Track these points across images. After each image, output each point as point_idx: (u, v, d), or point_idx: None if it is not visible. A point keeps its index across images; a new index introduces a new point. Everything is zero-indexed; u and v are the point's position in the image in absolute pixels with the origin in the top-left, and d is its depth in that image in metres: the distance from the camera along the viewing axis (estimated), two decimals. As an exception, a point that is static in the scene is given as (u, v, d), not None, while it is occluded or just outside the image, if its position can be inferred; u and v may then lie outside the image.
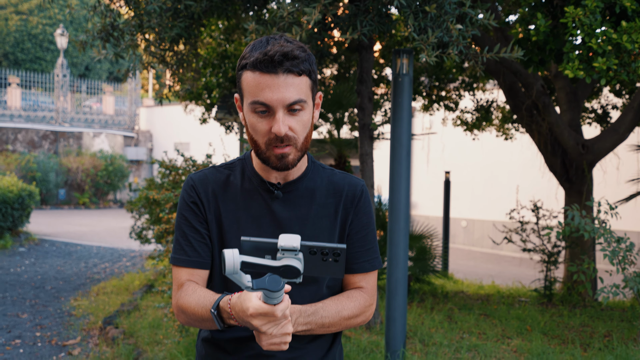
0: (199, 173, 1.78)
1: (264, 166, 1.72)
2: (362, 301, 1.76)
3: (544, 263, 8.09)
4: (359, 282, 1.79)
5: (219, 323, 1.54)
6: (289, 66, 1.57)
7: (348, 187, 1.79)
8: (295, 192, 1.74)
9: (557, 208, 10.54)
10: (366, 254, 1.78)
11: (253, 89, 1.59)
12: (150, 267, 9.89)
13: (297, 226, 1.71)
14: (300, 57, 1.59)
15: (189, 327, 4.66)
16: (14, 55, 32.87)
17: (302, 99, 1.61)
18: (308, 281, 1.71)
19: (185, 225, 1.73)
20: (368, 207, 1.80)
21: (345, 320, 1.71)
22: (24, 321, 6.89)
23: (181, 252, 1.72)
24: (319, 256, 1.36)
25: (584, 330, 6.47)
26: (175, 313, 1.71)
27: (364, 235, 1.78)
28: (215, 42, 8.71)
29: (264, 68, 1.57)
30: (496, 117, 10.23)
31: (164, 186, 6.93)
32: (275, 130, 1.59)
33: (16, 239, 12.99)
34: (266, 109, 1.59)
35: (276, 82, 1.57)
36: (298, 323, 1.59)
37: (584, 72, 4.87)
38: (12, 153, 21.67)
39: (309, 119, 1.66)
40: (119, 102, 27.09)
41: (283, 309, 1.39)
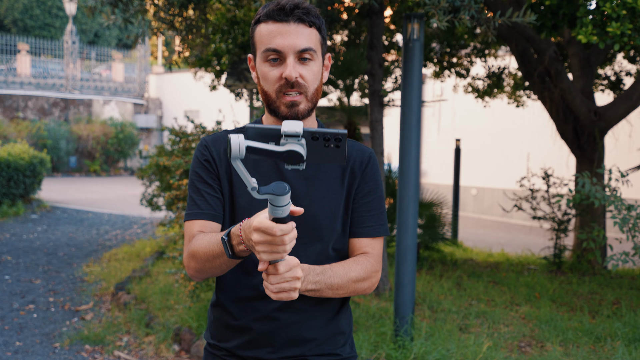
0: (212, 135, 1.82)
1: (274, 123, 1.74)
2: (368, 266, 1.75)
3: (553, 231, 8.08)
4: (364, 248, 1.78)
5: (228, 250, 1.50)
6: (300, 14, 1.64)
7: (356, 153, 1.80)
8: None
9: (568, 176, 10.50)
10: (371, 219, 1.79)
11: (265, 37, 1.66)
12: (161, 234, 9.95)
13: (304, 186, 1.73)
14: (312, 11, 1.68)
15: (198, 282, 4.70)
16: (23, 22, 32.77)
17: (312, 47, 1.66)
18: (313, 239, 1.73)
19: (198, 181, 1.76)
20: (375, 174, 1.81)
21: (352, 283, 1.70)
22: (37, 287, 6.97)
23: (194, 207, 1.74)
24: (321, 142, 1.36)
25: (593, 298, 6.48)
26: (186, 265, 1.70)
27: (370, 200, 1.79)
28: (225, 7, 8.63)
29: (276, 16, 1.64)
30: (508, 84, 10.14)
31: (174, 153, 6.94)
32: (286, 74, 1.63)
33: (28, 206, 13.08)
34: (277, 56, 1.65)
35: (287, 29, 1.64)
36: (307, 281, 1.57)
37: (597, 37, 4.80)
38: (22, 120, 21.72)
39: (319, 70, 1.71)
40: (128, 69, 27.02)
41: (284, 229, 1.35)
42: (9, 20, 32.84)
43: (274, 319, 1.73)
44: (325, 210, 1.74)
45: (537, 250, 9.69)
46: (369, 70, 6.03)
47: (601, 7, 4.64)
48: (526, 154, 13.93)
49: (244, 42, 8.54)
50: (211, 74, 9.63)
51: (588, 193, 5.27)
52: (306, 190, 1.73)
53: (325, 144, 1.36)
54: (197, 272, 1.68)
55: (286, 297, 1.46)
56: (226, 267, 1.60)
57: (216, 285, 1.85)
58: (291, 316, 1.73)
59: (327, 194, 1.75)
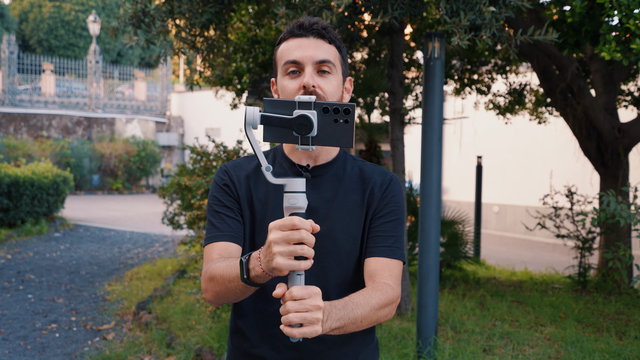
0: (232, 161, 1.81)
1: (294, 151, 1.75)
2: (388, 290, 1.63)
3: (578, 249, 7.96)
4: (381, 269, 1.68)
5: (243, 273, 1.44)
6: (319, 29, 1.69)
7: (378, 175, 1.77)
8: (324, 177, 1.74)
9: (592, 193, 10.36)
10: (387, 239, 1.71)
11: (285, 52, 1.70)
12: (182, 253, 9.98)
13: (324, 209, 1.70)
14: (331, 31, 1.72)
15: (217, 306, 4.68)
16: (48, 42, 33.32)
17: (331, 60, 1.68)
18: (333, 264, 1.69)
19: (216, 205, 1.73)
20: (397, 196, 1.76)
21: (375, 312, 1.57)
22: (59, 306, 7.01)
23: (213, 230, 1.70)
24: (331, 115, 1.38)
25: (619, 318, 6.36)
26: (203, 289, 1.64)
27: (388, 221, 1.73)
28: (246, 27, 8.69)
29: (296, 32, 1.69)
30: (529, 101, 10.06)
31: (195, 172, 6.97)
32: (304, 82, 1.64)
33: (51, 224, 13.20)
34: (296, 67, 1.67)
35: (306, 42, 1.68)
36: (332, 318, 1.43)
37: (621, 54, 4.74)
38: (46, 139, 22.00)
39: (338, 86, 1.71)
40: (150, 87, 27.31)
41: (303, 223, 1.32)
42: (34, 40, 33.41)
43: (295, 348, 1.68)
44: (345, 233, 1.70)
45: (560, 268, 9.56)
46: (390, 89, 6.02)
47: (624, 24, 4.59)
48: (548, 171, 13.80)
49: (265, 60, 8.58)
50: (232, 93, 9.69)
51: (613, 212, 5.18)
52: (326, 213, 1.70)
53: (335, 118, 1.38)
54: (214, 296, 1.62)
55: (310, 331, 1.34)
56: (240, 293, 1.53)
57: (233, 311, 1.79)
58: (314, 345, 1.67)
59: (347, 217, 1.71)
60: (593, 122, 7.75)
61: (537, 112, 10.13)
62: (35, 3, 33.72)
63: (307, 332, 1.34)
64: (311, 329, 1.34)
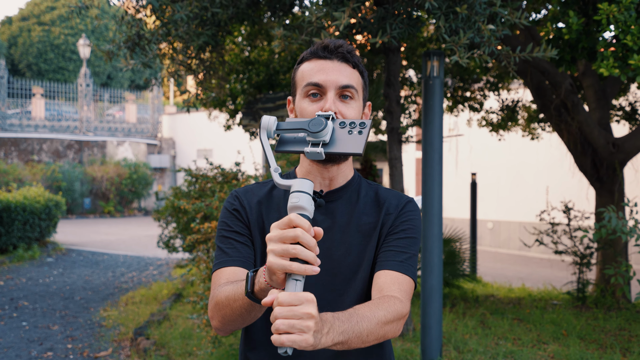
0: (243, 187, 1.78)
1: (309, 171, 1.70)
2: (397, 304, 1.52)
3: (576, 265, 7.93)
4: (390, 283, 1.58)
5: (248, 286, 1.38)
6: (344, 53, 1.65)
7: (393, 198, 1.72)
8: (338, 202, 1.69)
9: (588, 208, 10.36)
10: (400, 255, 1.63)
11: (307, 74, 1.65)
12: (177, 276, 9.88)
13: (339, 234, 1.65)
14: (355, 55, 1.68)
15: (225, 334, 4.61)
16: (37, 66, 33.26)
17: (354, 86, 1.64)
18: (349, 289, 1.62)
19: (226, 230, 1.68)
20: (413, 216, 1.70)
21: (382, 326, 1.45)
22: (55, 333, 6.90)
23: (222, 256, 1.65)
24: (347, 128, 1.43)
25: (622, 334, 6.32)
26: (210, 316, 1.56)
27: (402, 238, 1.66)
28: (239, 48, 8.69)
29: (320, 54, 1.65)
30: (522, 117, 10.09)
31: (191, 194, 6.91)
32: (325, 107, 1.60)
33: (44, 249, 13.07)
34: (318, 90, 1.63)
35: (330, 66, 1.64)
36: (335, 331, 1.31)
37: (619, 69, 4.75)
38: (37, 163, 21.88)
39: (359, 112, 1.67)
40: (141, 110, 27.28)
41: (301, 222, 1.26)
42: (23, 64, 33.35)
43: None
44: (361, 258, 1.65)
45: (557, 284, 9.53)
46: (387, 108, 6.00)
47: (622, 40, 4.60)
48: (542, 187, 13.82)
49: (259, 81, 8.57)
50: (225, 114, 9.67)
51: (614, 227, 5.17)
52: (341, 238, 1.65)
53: (350, 131, 1.41)
54: (220, 322, 1.54)
55: (299, 340, 1.20)
56: (246, 312, 1.44)
57: (243, 343, 1.72)
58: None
59: (363, 241, 1.66)
60: (588, 137, 7.77)
61: (529, 128, 10.15)
62: (25, 27, 33.70)
63: (296, 341, 1.20)
64: (300, 338, 1.20)
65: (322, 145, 1.40)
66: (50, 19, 33.47)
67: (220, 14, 4.70)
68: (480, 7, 4.23)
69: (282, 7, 5.34)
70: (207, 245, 4.83)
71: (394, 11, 4.45)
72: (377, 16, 4.49)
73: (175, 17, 4.43)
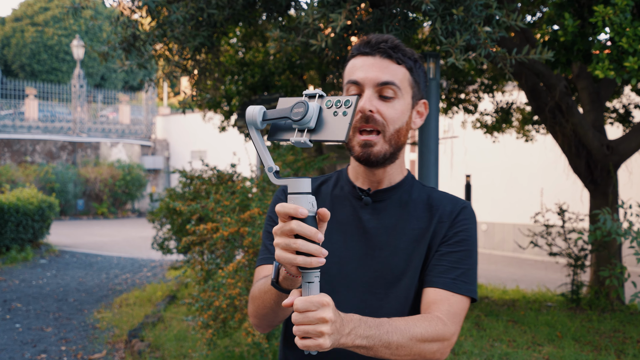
0: None
1: (357, 171, 1.64)
2: (439, 325, 1.45)
3: (570, 267, 7.95)
4: (438, 303, 1.51)
5: (274, 275, 1.39)
6: (386, 48, 1.54)
7: (448, 203, 1.62)
8: (387, 201, 1.62)
9: (582, 210, 10.38)
10: (452, 271, 1.54)
11: (349, 71, 1.57)
12: (171, 278, 9.85)
13: (384, 235, 1.58)
14: (402, 49, 1.56)
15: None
16: (31, 67, 33.16)
17: (396, 83, 1.53)
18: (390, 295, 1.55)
19: (270, 225, 1.65)
20: (468, 225, 1.59)
21: (417, 343, 1.40)
22: (48, 335, 6.86)
23: (265, 252, 1.64)
24: (332, 109, 1.29)
25: (616, 336, 6.33)
26: (248, 313, 1.57)
27: (456, 251, 1.56)
28: (233, 49, 8.68)
29: (362, 50, 1.56)
30: (516, 119, 10.12)
31: (186, 196, 6.89)
32: (361, 106, 1.51)
33: (37, 251, 13.01)
34: (357, 89, 1.54)
35: (370, 62, 1.54)
36: (356, 334, 1.30)
37: (614, 72, 4.77)
38: (30, 164, 21.80)
39: (403, 111, 1.56)
40: (134, 111, 27.21)
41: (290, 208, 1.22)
42: (16, 65, 33.24)
43: None
44: (405, 263, 1.57)
45: (551, 285, 9.54)
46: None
47: (617, 42, 4.62)
48: (536, 189, 13.84)
49: (254, 83, 8.56)
50: (220, 115, 9.65)
51: (610, 229, 5.18)
52: (386, 240, 1.58)
53: (335, 112, 1.28)
54: (255, 317, 1.56)
55: (313, 345, 1.23)
56: (275, 304, 1.44)
57: (282, 341, 1.69)
58: None
59: (409, 246, 1.57)
60: (582, 139, 7.79)
61: (524, 130, 10.18)
62: (18, 28, 33.58)
63: (310, 346, 1.24)
64: (314, 343, 1.23)
65: (308, 131, 1.29)
66: (44, 20, 33.37)
67: (216, 15, 4.69)
68: (477, 9, 4.23)
69: (278, 9, 5.33)
70: (202, 247, 4.82)
71: (390, 13, 4.45)
72: (373, 18, 4.49)
73: (171, 18, 4.42)
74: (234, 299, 4.26)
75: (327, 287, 1.55)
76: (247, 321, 4.30)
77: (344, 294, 1.56)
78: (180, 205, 4.85)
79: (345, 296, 1.56)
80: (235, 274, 4.33)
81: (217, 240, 4.47)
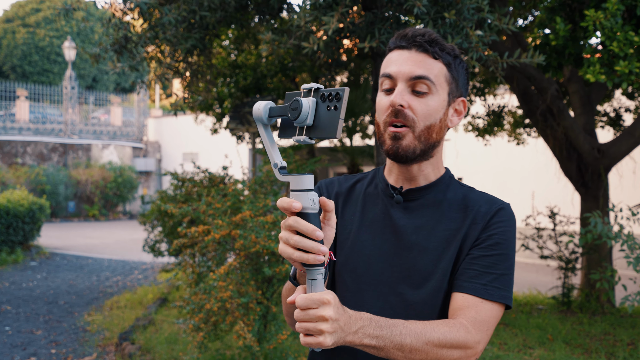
0: (329, 178, 1.71)
1: (390, 168, 1.60)
2: (462, 331, 1.38)
3: (561, 270, 7.98)
4: (465, 309, 1.44)
5: (292, 271, 1.41)
6: (421, 42, 1.49)
7: (484, 203, 1.55)
8: (420, 200, 1.57)
9: (573, 213, 10.43)
10: (484, 276, 1.46)
11: (385, 65, 1.52)
12: (163, 280, 9.82)
13: (414, 235, 1.52)
14: (441, 43, 1.51)
15: (207, 332, 4.57)
16: (22, 68, 33.01)
17: (430, 78, 1.48)
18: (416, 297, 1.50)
19: None
20: (504, 227, 1.51)
21: (434, 348, 1.34)
22: (38, 337, 6.82)
23: None
24: (326, 103, 1.24)
25: (606, 339, 6.35)
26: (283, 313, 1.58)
27: (489, 255, 1.48)
28: (225, 51, 8.67)
29: (398, 43, 1.51)
30: (508, 122, 10.15)
31: (177, 198, 6.88)
32: (391, 100, 1.47)
33: (27, 253, 12.94)
34: (390, 83, 1.49)
35: (405, 56, 1.49)
36: (364, 333, 1.28)
37: (605, 76, 4.79)
38: (21, 166, 21.69)
39: (437, 108, 1.50)
40: (126, 113, 27.12)
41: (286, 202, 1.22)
42: (7, 66, 33.10)
43: None
44: (433, 265, 1.50)
45: (542, 288, 9.57)
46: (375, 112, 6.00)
47: (608, 46, 4.64)
48: (528, 192, 13.89)
49: (246, 85, 8.56)
50: (212, 117, 9.64)
51: (600, 233, 5.20)
52: (414, 240, 1.52)
53: (328, 106, 1.24)
54: (285, 315, 1.55)
55: (314, 342, 1.22)
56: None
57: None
58: None
59: (439, 247, 1.51)
60: (573, 142, 7.82)
61: (515, 133, 10.21)
62: (9, 29, 33.44)
63: (311, 343, 1.23)
64: (315, 340, 1.22)
65: (307, 129, 1.25)
66: (35, 21, 33.24)
67: (208, 17, 4.68)
68: (469, 12, 4.25)
69: (270, 11, 5.33)
70: (194, 250, 4.81)
71: (383, 16, 4.46)
72: (366, 21, 4.50)
73: (163, 20, 4.41)
74: (226, 301, 4.25)
75: (354, 286, 1.54)
76: (238, 324, 4.28)
77: (370, 293, 1.53)
78: (172, 208, 4.84)
79: (371, 295, 1.53)
80: (226, 276, 4.32)
81: (209, 242, 4.46)
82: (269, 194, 4.96)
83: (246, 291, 4.31)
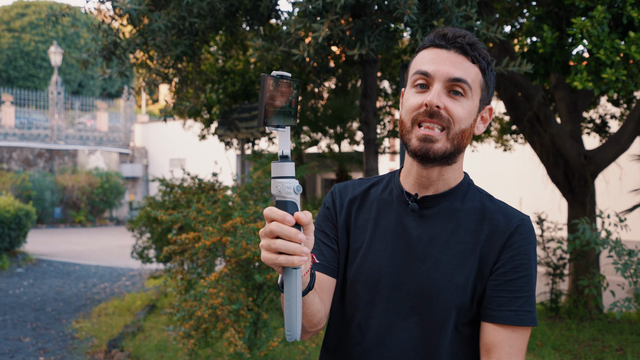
0: (343, 183, 1.68)
1: (409, 170, 1.54)
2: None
3: (549, 276, 8.02)
4: (500, 344, 1.43)
5: (279, 278, 1.35)
6: (463, 44, 1.44)
7: (502, 217, 1.50)
8: (435, 209, 1.51)
9: (561, 219, 10.49)
10: (513, 302, 1.43)
11: (419, 61, 1.47)
12: (151, 287, 9.78)
13: (428, 246, 1.48)
14: (478, 48, 1.47)
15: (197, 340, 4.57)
16: (7, 73, 32.81)
17: (468, 81, 1.44)
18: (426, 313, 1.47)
19: (316, 230, 1.58)
20: (526, 246, 1.47)
21: None
22: (26, 345, 6.77)
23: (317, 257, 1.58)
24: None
25: (595, 345, 6.39)
26: None
27: (516, 278, 1.45)
28: (214, 57, 8.67)
29: (437, 41, 1.46)
30: (495, 129, 10.21)
31: (166, 204, 6.86)
32: (428, 99, 1.41)
33: (13, 260, 12.84)
34: (425, 80, 1.44)
35: (444, 56, 1.44)
36: None
37: (592, 83, 4.83)
38: (7, 172, 21.53)
39: (471, 112, 1.46)
40: (113, 118, 27.01)
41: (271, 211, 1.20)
42: (-8, 71, 32.89)
43: None
44: (447, 280, 1.46)
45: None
46: (364, 119, 6.03)
47: (595, 54, 4.69)
48: (515, 198, 13.96)
49: (234, 91, 8.56)
50: (200, 123, 9.63)
51: (588, 239, 5.24)
52: (427, 252, 1.48)
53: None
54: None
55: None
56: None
57: (323, 346, 1.64)
58: None
59: (453, 260, 1.46)
60: (560, 149, 7.88)
61: (502, 139, 10.28)
62: (-6, 34, 33.26)
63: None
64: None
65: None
66: (21, 26, 33.07)
67: (198, 23, 4.68)
68: (457, 20, 4.28)
69: (259, 18, 5.34)
70: (184, 257, 4.80)
71: (372, 23, 4.48)
72: (355, 28, 4.52)
73: (152, 27, 4.41)
74: (216, 308, 4.24)
75: (366, 298, 1.52)
76: (228, 331, 4.28)
77: (382, 305, 1.50)
78: (161, 214, 4.83)
79: (383, 308, 1.50)
80: (217, 283, 4.31)
81: (199, 249, 4.45)
82: (259, 201, 4.97)
83: (237, 298, 4.31)
